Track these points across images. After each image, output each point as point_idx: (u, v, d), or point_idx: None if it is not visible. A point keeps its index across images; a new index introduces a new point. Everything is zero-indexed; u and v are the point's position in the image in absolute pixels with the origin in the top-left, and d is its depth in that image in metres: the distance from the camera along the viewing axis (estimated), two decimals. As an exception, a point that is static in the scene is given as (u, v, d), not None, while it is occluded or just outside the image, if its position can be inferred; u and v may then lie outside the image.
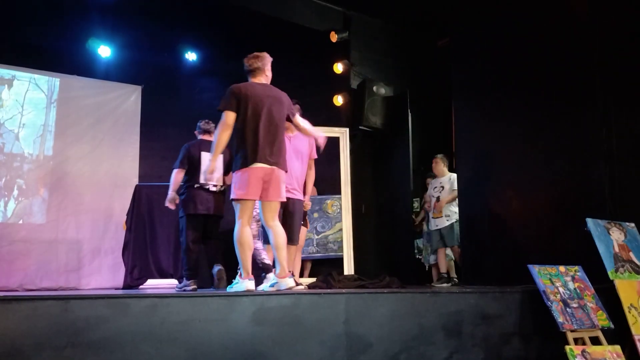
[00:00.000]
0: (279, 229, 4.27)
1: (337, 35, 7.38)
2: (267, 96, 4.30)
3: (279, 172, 4.23)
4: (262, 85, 4.41)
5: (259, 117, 4.20)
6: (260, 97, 4.26)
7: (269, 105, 4.26)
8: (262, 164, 4.14)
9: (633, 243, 4.63)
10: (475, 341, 3.82)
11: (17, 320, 2.78)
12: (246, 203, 4.19)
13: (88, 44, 7.32)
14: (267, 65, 4.50)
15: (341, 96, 7.59)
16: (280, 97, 4.40)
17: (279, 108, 4.32)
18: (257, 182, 4.14)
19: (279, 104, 4.34)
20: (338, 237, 6.95)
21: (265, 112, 4.22)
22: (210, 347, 3.11)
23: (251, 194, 4.15)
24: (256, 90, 4.30)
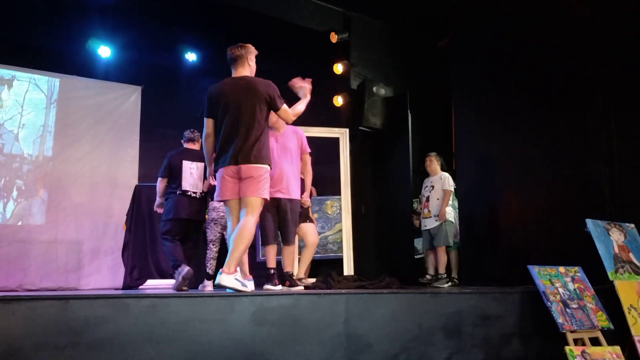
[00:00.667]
0: (242, 225, 4.00)
1: (337, 35, 7.38)
2: (238, 90, 4.16)
3: (250, 169, 4.03)
4: (236, 79, 4.28)
5: (229, 115, 4.10)
6: (230, 93, 4.15)
7: (240, 100, 4.12)
8: (232, 165, 4.03)
9: (633, 244, 4.63)
10: (475, 342, 3.82)
11: (16, 320, 2.78)
12: (228, 204, 4.14)
13: (88, 44, 7.31)
14: (250, 55, 4.40)
15: (341, 97, 7.59)
16: (253, 87, 4.20)
17: (251, 102, 4.13)
18: (229, 182, 4.06)
19: (252, 95, 4.16)
20: (338, 237, 6.94)
21: (234, 108, 4.10)
22: (209, 347, 3.11)
23: (226, 195, 4.09)
24: (225, 88, 4.19)
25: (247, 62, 4.38)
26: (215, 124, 4.19)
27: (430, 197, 6.17)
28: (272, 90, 4.28)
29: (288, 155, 5.13)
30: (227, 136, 4.08)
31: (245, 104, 4.13)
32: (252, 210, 4.06)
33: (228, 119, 4.10)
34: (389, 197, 7.47)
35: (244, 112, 4.11)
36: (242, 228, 3.98)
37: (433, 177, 6.31)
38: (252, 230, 4.03)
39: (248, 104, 4.13)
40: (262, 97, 4.20)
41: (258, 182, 4.06)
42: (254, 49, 4.46)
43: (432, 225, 6.07)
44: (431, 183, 6.27)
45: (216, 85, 4.28)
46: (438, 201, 6.09)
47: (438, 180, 6.21)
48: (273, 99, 4.28)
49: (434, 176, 6.30)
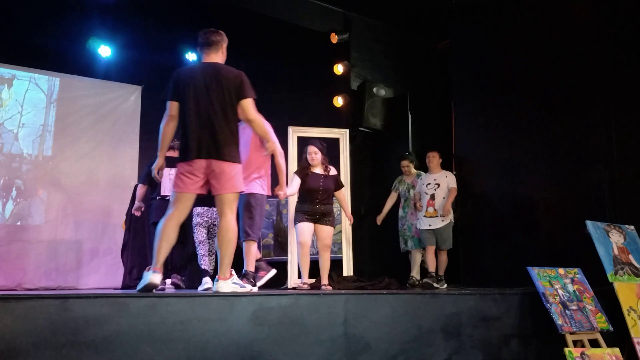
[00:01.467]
0: (224, 226, 3.87)
1: (337, 36, 7.38)
2: (209, 76, 3.89)
3: (223, 165, 3.82)
4: (207, 64, 4.02)
5: (198, 103, 3.82)
6: (200, 78, 3.87)
7: (210, 87, 3.85)
8: (201, 158, 3.79)
9: (632, 246, 4.63)
10: (474, 343, 3.82)
11: (15, 319, 2.77)
12: (180, 195, 3.84)
13: (88, 43, 7.31)
14: (224, 43, 4.15)
15: (341, 97, 7.59)
16: (225, 74, 3.94)
17: (222, 90, 3.87)
18: (193, 177, 3.82)
19: (223, 82, 3.89)
20: (338, 238, 6.92)
21: (203, 95, 3.84)
22: (209, 347, 3.10)
23: (186, 188, 3.82)
24: (195, 72, 3.93)
25: (221, 50, 4.12)
26: (179, 108, 3.87)
27: (436, 195, 5.85)
28: (244, 78, 3.99)
29: (244, 147, 4.81)
30: (194, 125, 3.81)
31: (216, 91, 3.87)
32: (230, 208, 3.89)
33: (195, 107, 3.82)
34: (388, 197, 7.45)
35: (214, 101, 3.86)
36: (227, 230, 3.84)
37: (436, 174, 6.01)
38: (235, 230, 3.90)
39: (219, 92, 3.88)
40: (233, 85, 3.92)
41: (232, 177, 3.86)
42: (226, 38, 4.19)
43: (438, 225, 5.77)
44: (435, 180, 5.94)
45: (185, 68, 4.06)
46: (444, 200, 5.81)
47: (443, 178, 5.93)
48: (242, 86, 3.96)
49: (436, 173, 6.01)
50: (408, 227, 6.21)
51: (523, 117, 5.78)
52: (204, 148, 3.81)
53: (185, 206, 3.88)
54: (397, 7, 7.47)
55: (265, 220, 7.17)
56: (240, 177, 3.96)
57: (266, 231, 7.15)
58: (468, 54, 6.49)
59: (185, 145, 3.85)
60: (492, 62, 6.13)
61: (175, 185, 3.88)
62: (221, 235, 3.86)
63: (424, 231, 5.88)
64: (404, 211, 6.36)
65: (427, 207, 5.88)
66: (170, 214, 3.81)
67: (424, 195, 5.98)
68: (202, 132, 3.82)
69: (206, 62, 4.04)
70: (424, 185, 6.04)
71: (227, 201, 3.87)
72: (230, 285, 3.82)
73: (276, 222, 7.18)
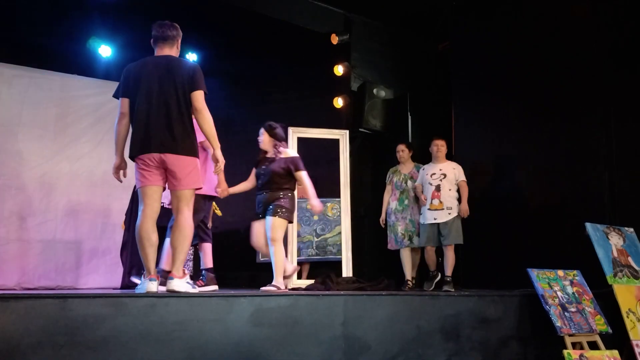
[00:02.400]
0: (181, 223, 3.81)
1: (338, 37, 7.38)
2: (161, 70, 3.82)
3: (178, 160, 3.75)
4: (158, 58, 3.95)
5: (150, 97, 3.75)
6: (152, 73, 3.81)
7: (163, 80, 3.79)
8: (154, 152, 3.74)
9: (632, 248, 4.63)
10: (473, 344, 3.82)
11: (14, 318, 2.77)
12: (146, 189, 3.81)
13: (89, 43, 7.30)
14: (179, 38, 4.11)
15: (341, 98, 7.58)
16: (177, 66, 3.87)
17: (174, 83, 3.80)
18: (151, 170, 3.76)
19: (175, 75, 3.81)
20: (337, 240, 6.93)
21: (156, 89, 3.77)
22: (207, 347, 3.11)
23: (149, 180, 3.79)
24: (147, 66, 3.86)
25: (176, 45, 4.06)
26: (130, 105, 3.82)
27: (442, 187, 5.44)
28: (197, 71, 3.92)
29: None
30: (146, 120, 3.74)
31: (169, 84, 3.79)
32: (187, 203, 3.84)
33: (147, 100, 3.76)
34: (388, 199, 7.46)
35: (167, 94, 3.78)
36: (183, 226, 3.78)
37: (441, 164, 5.61)
38: (192, 226, 3.87)
39: (172, 84, 3.80)
40: (187, 77, 3.84)
41: (189, 173, 3.80)
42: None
43: (444, 219, 5.38)
44: (441, 171, 5.52)
45: (136, 63, 3.95)
46: (450, 192, 5.45)
47: (450, 169, 5.55)
48: (194, 78, 3.86)
49: (442, 163, 5.61)
50: (411, 222, 5.84)
51: (523, 118, 5.78)
52: (157, 142, 3.75)
53: (154, 199, 3.81)
54: (397, 8, 7.48)
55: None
56: (197, 172, 3.89)
57: (265, 232, 7.14)
58: (468, 56, 6.49)
59: (135, 140, 3.82)
60: (492, 64, 6.13)
61: (137, 180, 3.85)
62: (178, 232, 3.79)
63: (427, 226, 5.50)
64: (402, 204, 5.93)
65: (432, 200, 5.47)
66: (142, 213, 3.76)
67: (427, 187, 5.56)
68: (155, 126, 3.76)
69: (159, 56, 3.98)
70: (427, 176, 5.62)
71: (183, 197, 3.82)
72: (185, 284, 3.74)
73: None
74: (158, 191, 3.84)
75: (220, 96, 8.49)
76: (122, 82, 3.90)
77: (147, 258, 3.71)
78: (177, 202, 3.83)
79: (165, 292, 3.63)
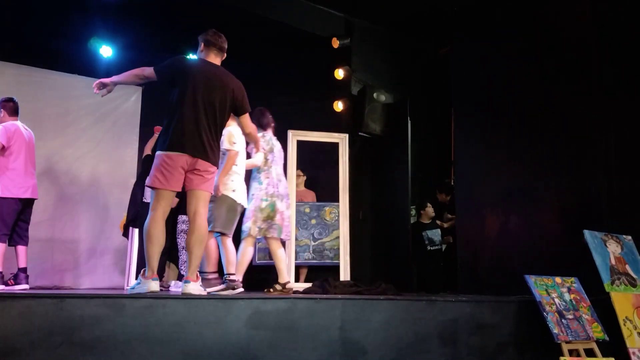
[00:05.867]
0: (199, 225, 3.88)
1: (338, 41, 7.39)
2: (216, 78, 4.02)
3: (208, 167, 3.90)
4: (213, 65, 4.13)
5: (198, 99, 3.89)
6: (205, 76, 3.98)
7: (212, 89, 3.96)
8: (188, 155, 3.82)
9: (629, 256, 4.63)
10: (470, 350, 3.82)
11: (11, 318, 2.77)
12: (163, 193, 3.83)
13: (90, 43, 7.31)
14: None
15: (341, 102, 7.60)
16: (230, 81, 4.08)
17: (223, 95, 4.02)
18: (178, 172, 3.81)
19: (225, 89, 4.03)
20: (335, 244, 6.92)
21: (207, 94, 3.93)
22: (204, 350, 3.10)
23: (172, 184, 3.82)
24: (202, 68, 4.06)
25: (223, 57, 4.21)
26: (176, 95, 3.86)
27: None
28: (244, 91, 4.12)
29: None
30: (188, 121, 3.79)
31: (220, 95, 3.94)
32: (205, 206, 3.92)
33: (193, 100, 3.83)
34: (387, 203, 7.47)
35: (215, 103, 3.90)
36: (201, 228, 3.84)
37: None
38: (207, 230, 3.98)
39: (222, 96, 3.95)
40: (235, 95, 4.02)
41: (211, 179, 3.94)
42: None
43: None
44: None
45: (191, 60, 4.10)
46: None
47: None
48: (244, 99, 4.08)
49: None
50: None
51: (522, 124, 5.78)
52: (194, 145, 3.79)
53: (168, 204, 3.85)
54: (398, 13, 7.49)
55: (263, 224, 7.16)
56: (213, 182, 4.04)
57: (264, 235, 7.14)
58: (469, 61, 6.50)
59: (176, 136, 3.77)
60: (493, 69, 6.14)
61: (156, 181, 3.76)
62: (197, 234, 3.83)
63: None
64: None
65: None
66: (155, 214, 3.75)
67: None
68: (197, 129, 3.80)
69: (214, 64, 4.09)
70: None
71: (202, 198, 3.89)
72: (199, 288, 3.83)
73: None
74: (173, 196, 3.88)
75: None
76: (168, 65, 3.96)
77: (153, 257, 3.74)
78: (196, 202, 3.87)
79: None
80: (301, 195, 7.26)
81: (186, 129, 3.79)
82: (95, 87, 4.16)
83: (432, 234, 7.43)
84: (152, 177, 3.78)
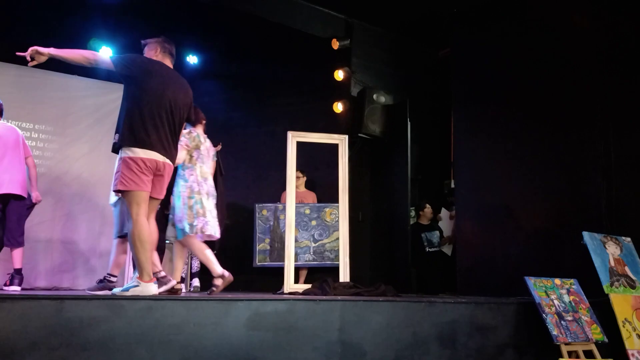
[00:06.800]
0: (153, 228, 4.00)
1: (338, 42, 7.39)
2: (179, 84, 4.09)
3: (170, 169, 3.97)
4: (175, 72, 4.16)
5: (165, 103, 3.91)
6: (175, 86, 4.03)
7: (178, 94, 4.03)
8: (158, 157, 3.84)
9: (628, 257, 4.64)
10: (469, 352, 3.82)
11: (11, 319, 2.77)
12: (140, 194, 3.80)
13: (89, 44, 7.31)
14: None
15: (341, 103, 7.59)
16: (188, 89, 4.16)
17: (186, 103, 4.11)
18: (148, 174, 3.81)
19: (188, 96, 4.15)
20: (335, 245, 6.91)
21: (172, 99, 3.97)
22: (204, 351, 3.10)
23: (147, 185, 3.82)
24: (170, 77, 4.08)
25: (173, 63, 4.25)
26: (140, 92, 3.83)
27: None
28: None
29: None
30: (156, 123, 3.78)
31: (182, 103, 3.98)
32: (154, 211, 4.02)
33: (166, 109, 3.85)
34: (386, 204, 7.47)
35: (180, 110, 3.96)
36: (154, 231, 3.95)
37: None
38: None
39: (184, 104, 4.01)
40: (189, 103, 4.11)
41: (167, 181, 3.97)
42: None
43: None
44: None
45: (157, 62, 4.05)
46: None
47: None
48: (192, 107, 4.18)
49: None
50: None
51: (522, 126, 5.79)
52: (165, 148, 3.82)
53: (146, 204, 3.79)
54: (398, 14, 7.49)
55: (262, 226, 7.17)
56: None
57: (263, 236, 7.14)
58: (468, 63, 6.50)
59: (151, 139, 3.75)
60: (492, 71, 6.14)
61: (130, 182, 3.70)
62: (153, 237, 3.93)
63: None
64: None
65: None
66: (141, 218, 3.70)
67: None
68: (168, 134, 3.85)
69: (175, 71, 4.14)
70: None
71: (157, 205, 4.02)
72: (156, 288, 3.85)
73: (273, 227, 7.17)
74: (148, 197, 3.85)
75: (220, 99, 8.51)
76: (134, 60, 3.97)
77: (149, 261, 3.73)
78: (153, 208, 3.94)
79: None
80: (301, 197, 7.26)
81: (158, 132, 3.79)
82: (28, 55, 4.04)
83: (431, 235, 7.44)
84: (128, 180, 3.70)
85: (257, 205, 7.25)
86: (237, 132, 8.45)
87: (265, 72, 8.16)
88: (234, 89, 8.49)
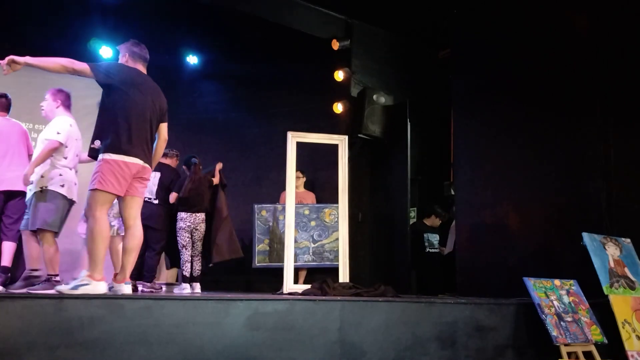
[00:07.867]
0: (140, 230, 4.06)
1: (338, 43, 7.39)
2: (155, 91, 4.15)
3: (148, 173, 4.04)
4: (148, 78, 4.20)
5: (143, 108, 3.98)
6: (151, 91, 4.09)
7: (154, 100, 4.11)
8: (139, 162, 3.92)
9: (628, 259, 4.64)
10: (468, 352, 3.82)
11: (10, 318, 2.77)
12: (107, 196, 3.85)
13: (90, 44, 7.32)
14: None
15: (341, 104, 7.60)
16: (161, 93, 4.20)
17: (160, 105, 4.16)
18: (127, 177, 3.86)
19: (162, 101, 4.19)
20: (334, 246, 6.91)
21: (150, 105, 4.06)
22: (203, 351, 3.10)
23: (117, 189, 3.85)
24: (147, 83, 4.13)
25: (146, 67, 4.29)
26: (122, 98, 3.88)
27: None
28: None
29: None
30: (137, 128, 3.86)
31: (157, 107, 4.06)
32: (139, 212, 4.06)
33: (145, 114, 3.93)
34: (386, 205, 7.47)
35: (156, 115, 4.05)
36: (141, 232, 4.03)
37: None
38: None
39: (158, 108, 4.08)
40: (164, 107, 4.18)
41: (146, 184, 4.07)
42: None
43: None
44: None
45: (134, 69, 4.08)
46: None
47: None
48: (166, 111, 4.23)
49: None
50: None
51: (522, 127, 5.78)
52: (144, 153, 3.92)
53: (109, 207, 3.94)
54: (399, 15, 7.50)
55: (261, 226, 7.17)
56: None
57: (262, 237, 7.14)
58: (468, 64, 6.50)
59: (134, 146, 3.82)
60: (492, 72, 6.14)
61: (107, 183, 3.73)
62: (139, 239, 4.02)
63: None
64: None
65: None
66: (103, 217, 3.83)
67: None
68: (147, 139, 3.94)
69: (148, 77, 4.16)
70: None
71: (140, 203, 4.05)
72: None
73: (272, 228, 7.17)
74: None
75: (220, 99, 8.52)
76: (113, 67, 4.05)
77: (102, 258, 3.94)
78: (137, 208, 3.99)
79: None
80: (301, 197, 7.26)
81: (136, 134, 3.85)
82: (4, 64, 4.07)
83: (432, 237, 7.43)
84: (107, 182, 3.74)
85: (256, 205, 7.25)
86: (237, 132, 8.45)
87: (265, 72, 8.16)
88: (234, 89, 8.49)
